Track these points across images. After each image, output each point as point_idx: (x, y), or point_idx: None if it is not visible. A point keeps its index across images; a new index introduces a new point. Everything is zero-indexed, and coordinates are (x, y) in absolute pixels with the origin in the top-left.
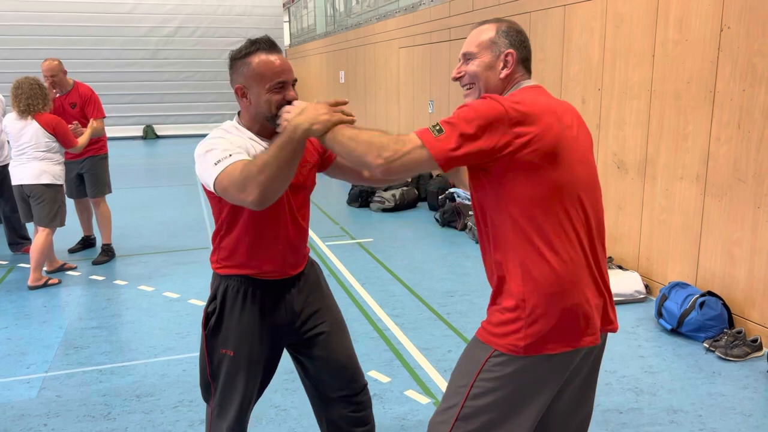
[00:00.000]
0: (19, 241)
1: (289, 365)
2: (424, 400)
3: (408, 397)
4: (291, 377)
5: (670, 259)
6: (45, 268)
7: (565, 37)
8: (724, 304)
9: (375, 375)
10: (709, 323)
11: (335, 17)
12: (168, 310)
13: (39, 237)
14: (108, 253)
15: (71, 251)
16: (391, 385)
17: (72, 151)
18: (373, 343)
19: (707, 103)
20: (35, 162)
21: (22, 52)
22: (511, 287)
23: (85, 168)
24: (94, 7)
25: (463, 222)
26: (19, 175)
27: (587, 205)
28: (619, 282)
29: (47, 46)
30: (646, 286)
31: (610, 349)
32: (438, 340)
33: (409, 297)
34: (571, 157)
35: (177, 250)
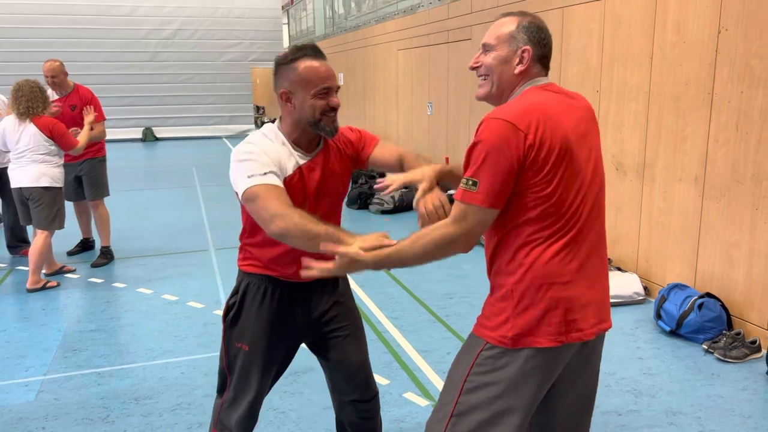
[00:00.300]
0: (18, 244)
1: (288, 368)
2: (422, 402)
3: (407, 399)
4: (290, 380)
5: (668, 260)
6: (44, 271)
7: (564, 39)
8: (723, 305)
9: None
10: (707, 325)
11: (334, 19)
12: (167, 313)
13: (38, 240)
14: (107, 255)
15: (70, 254)
16: (390, 387)
17: (72, 153)
18: (371, 346)
19: (705, 105)
20: (34, 165)
21: (21, 55)
22: (502, 279)
23: (84, 171)
24: (93, 9)
25: None
26: (18, 178)
27: (590, 202)
28: (617, 284)
29: (46, 48)
30: (645, 288)
31: (608, 350)
32: (437, 342)
33: (408, 299)
34: (575, 156)
35: (176, 252)
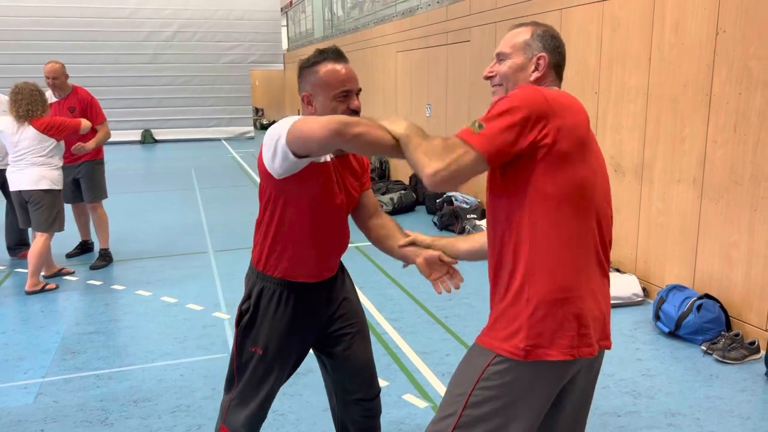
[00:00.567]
0: (17, 245)
1: None
2: (421, 404)
3: (406, 401)
4: (289, 382)
5: (667, 262)
6: (42, 273)
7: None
8: (722, 306)
9: None
10: (706, 326)
11: (333, 21)
12: (165, 315)
13: (37, 242)
14: (105, 257)
15: (69, 256)
16: (389, 389)
17: (82, 132)
18: None
19: (703, 107)
20: (33, 168)
21: (20, 57)
22: (517, 290)
23: (81, 173)
24: (92, 11)
25: (461, 225)
26: (18, 180)
27: (600, 213)
28: (616, 285)
29: (46, 50)
30: (644, 289)
31: (608, 352)
32: (436, 343)
33: (408, 301)
34: (591, 159)
35: (175, 254)
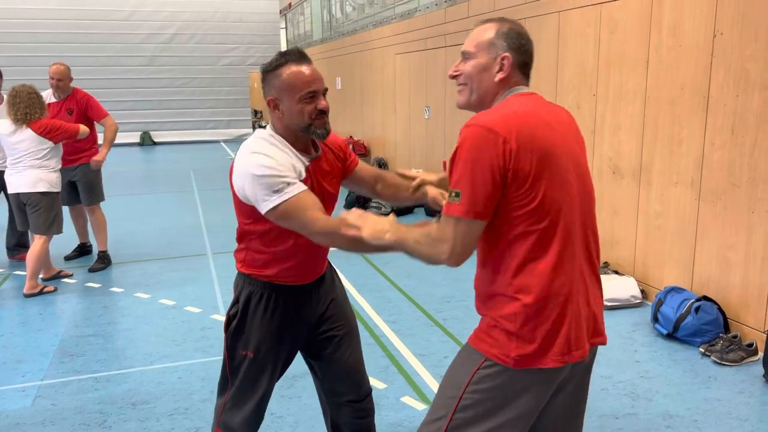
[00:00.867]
0: (16, 247)
1: (286, 372)
2: (420, 406)
3: (404, 403)
4: (287, 384)
5: (665, 263)
6: (41, 276)
7: (560, 44)
8: (720, 308)
9: (371, 381)
10: (704, 328)
11: (331, 24)
12: (164, 318)
13: (36, 245)
14: (104, 260)
15: (67, 258)
16: (387, 391)
17: (80, 137)
18: (369, 349)
19: (701, 109)
20: (31, 170)
21: (19, 59)
22: (505, 298)
23: (78, 176)
24: (91, 14)
25: None
26: (16, 183)
27: (580, 213)
28: (614, 287)
29: (45, 52)
30: (642, 291)
31: (605, 354)
32: (434, 346)
33: (406, 303)
34: (559, 165)
35: (173, 257)
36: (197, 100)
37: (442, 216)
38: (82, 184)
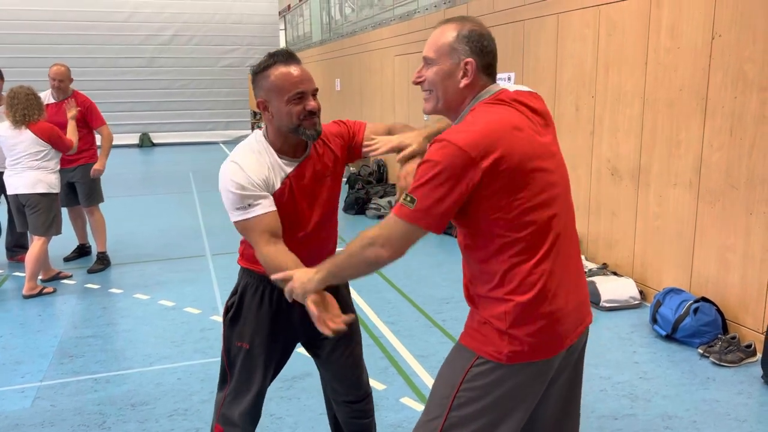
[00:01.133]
0: (15, 248)
1: (285, 374)
2: (419, 407)
3: (403, 404)
4: (287, 385)
5: (664, 265)
6: (40, 277)
7: (559, 45)
8: (718, 309)
9: (370, 382)
10: (703, 329)
11: (331, 25)
12: (163, 319)
13: (34, 246)
14: (103, 261)
15: (66, 260)
16: (386, 392)
17: (71, 153)
18: (368, 351)
19: (699, 110)
20: (30, 171)
21: (18, 60)
22: (495, 300)
23: (77, 177)
24: (90, 15)
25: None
26: (15, 184)
27: (558, 204)
28: (613, 288)
29: (44, 53)
30: (641, 292)
31: (604, 355)
32: (433, 347)
33: (405, 304)
34: (540, 169)
35: (173, 258)
36: (196, 101)
37: (389, 215)
38: (81, 185)
